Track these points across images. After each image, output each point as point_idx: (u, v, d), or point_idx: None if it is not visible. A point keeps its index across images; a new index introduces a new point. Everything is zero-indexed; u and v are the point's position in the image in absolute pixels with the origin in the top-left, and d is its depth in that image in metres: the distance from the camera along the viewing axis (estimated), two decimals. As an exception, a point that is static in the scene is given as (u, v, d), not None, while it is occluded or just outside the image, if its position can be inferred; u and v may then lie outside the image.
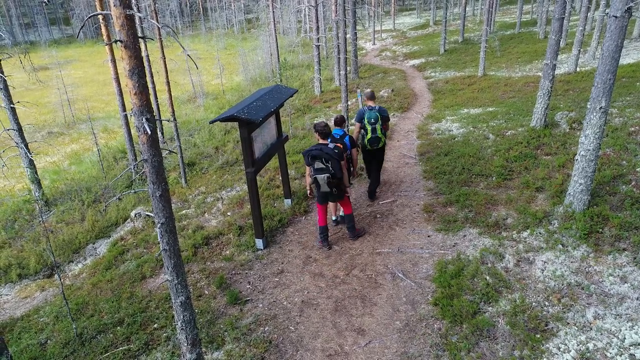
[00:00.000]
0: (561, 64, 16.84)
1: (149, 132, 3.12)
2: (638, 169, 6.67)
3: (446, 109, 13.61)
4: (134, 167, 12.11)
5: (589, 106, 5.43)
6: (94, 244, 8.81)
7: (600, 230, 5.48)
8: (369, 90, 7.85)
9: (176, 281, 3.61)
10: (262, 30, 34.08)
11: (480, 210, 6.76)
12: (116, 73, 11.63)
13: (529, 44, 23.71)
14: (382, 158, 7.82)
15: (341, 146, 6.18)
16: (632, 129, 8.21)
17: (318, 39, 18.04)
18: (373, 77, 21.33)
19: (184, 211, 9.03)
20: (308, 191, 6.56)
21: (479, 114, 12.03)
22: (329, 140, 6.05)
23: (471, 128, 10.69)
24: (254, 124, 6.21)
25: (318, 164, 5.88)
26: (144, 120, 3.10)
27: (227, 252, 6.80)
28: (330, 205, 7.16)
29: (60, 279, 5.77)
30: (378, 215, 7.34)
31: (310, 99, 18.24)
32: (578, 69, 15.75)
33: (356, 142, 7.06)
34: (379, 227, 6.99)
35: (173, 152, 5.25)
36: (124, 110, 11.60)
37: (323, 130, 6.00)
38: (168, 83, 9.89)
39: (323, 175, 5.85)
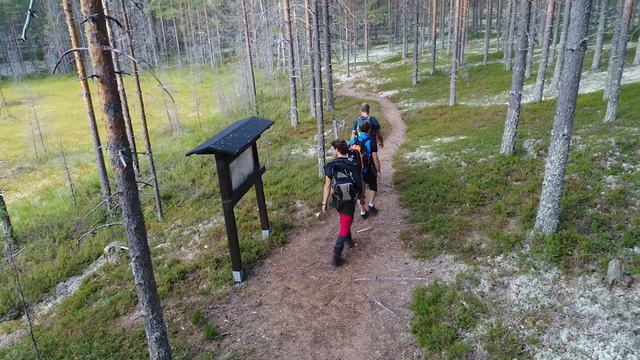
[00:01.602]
0: (527, 94, 17.59)
1: (125, 165, 3.13)
2: (602, 193, 6.96)
3: (420, 138, 13.95)
4: (109, 201, 11.90)
5: (552, 133, 5.70)
6: (65, 282, 8.53)
7: (570, 252, 5.65)
8: (365, 104, 9.10)
9: (151, 316, 3.54)
10: (239, 64, 34.59)
11: (455, 237, 6.88)
12: (91, 107, 11.57)
13: (496, 75, 24.74)
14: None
15: (359, 148, 7.16)
16: (595, 154, 8.59)
17: (294, 72, 18.42)
18: (348, 108, 21.76)
19: (159, 245, 8.88)
20: (323, 207, 6.88)
21: (452, 143, 12.38)
22: (346, 155, 6.59)
23: (444, 156, 10.98)
24: (231, 155, 6.26)
25: (341, 175, 6.41)
26: (119, 153, 3.12)
27: (204, 285, 6.69)
28: (370, 193, 8.21)
29: (29, 320, 5.56)
30: (356, 244, 7.38)
31: (287, 130, 18.45)
32: (543, 99, 16.48)
33: (376, 146, 8.03)
34: (357, 255, 7.02)
35: (148, 185, 5.23)
36: (99, 144, 11.49)
37: (342, 146, 6.57)
38: (144, 116, 9.90)
39: (346, 184, 6.35)
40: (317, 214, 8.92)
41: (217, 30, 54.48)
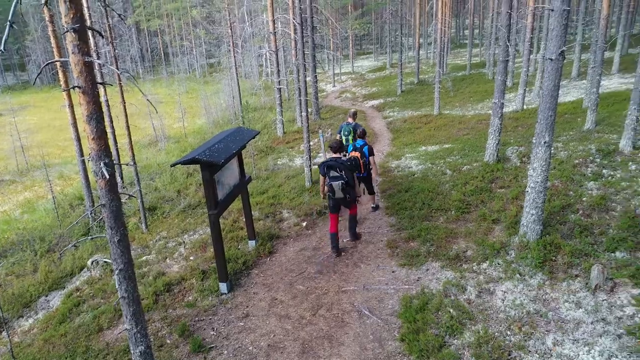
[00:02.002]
0: (509, 102, 17.89)
1: (107, 177, 3.10)
2: (584, 199, 7.09)
3: (405, 147, 14.07)
4: (91, 213, 11.71)
5: (534, 141, 5.80)
6: (46, 296, 8.34)
7: (554, 258, 5.72)
8: (352, 110, 9.59)
9: (135, 330, 3.48)
10: (224, 74, 34.56)
11: (442, 244, 6.92)
12: (74, 118, 11.43)
13: (479, 84, 25.14)
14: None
15: (358, 154, 7.67)
16: (577, 161, 8.75)
17: (279, 82, 18.48)
18: (334, 117, 21.87)
19: (144, 257, 8.76)
20: (322, 196, 7.29)
21: (437, 151, 12.51)
22: (340, 154, 7.00)
23: (429, 164, 11.08)
24: (216, 166, 6.23)
25: (333, 173, 6.73)
26: (102, 164, 3.08)
27: (190, 297, 6.60)
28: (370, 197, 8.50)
29: (9, 336, 5.40)
30: (343, 253, 7.37)
31: (273, 140, 18.44)
32: (525, 107, 16.78)
33: (373, 150, 8.41)
34: (344, 264, 7.01)
35: (132, 196, 5.14)
36: (82, 155, 11.33)
37: (334, 146, 6.98)
38: (128, 127, 9.81)
39: (338, 182, 6.67)
40: (304, 224, 8.91)
41: (202, 40, 54.46)
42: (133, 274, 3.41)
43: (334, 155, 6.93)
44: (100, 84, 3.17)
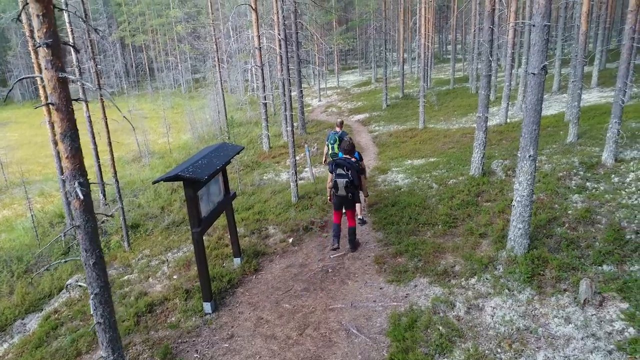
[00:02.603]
0: (493, 116, 18.12)
1: (82, 197, 2.96)
2: (570, 212, 7.11)
3: (391, 161, 14.08)
4: (65, 234, 11.40)
5: (519, 155, 5.80)
6: (23, 319, 8.03)
7: (542, 272, 5.69)
8: (339, 119, 10.12)
9: (112, 357, 3.31)
10: (210, 89, 34.47)
11: (429, 259, 6.85)
12: (54, 135, 11.20)
13: (463, 98, 25.47)
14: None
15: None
16: (561, 174, 8.82)
17: (265, 97, 18.46)
18: (320, 132, 21.89)
19: (126, 277, 8.52)
20: (328, 197, 7.63)
21: (422, 165, 12.54)
22: (351, 156, 7.29)
23: (416, 178, 11.07)
24: (200, 182, 6.10)
25: (340, 170, 7.02)
26: (76, 184, 2.95)
27: (173, 318, 6.39)
28: (357, 206, 8.28)
29: (-20, 364, 5.14)
30: (330, 270, 7.25)
31: (259, 155, 18.34)
32: (508, 120, 16.99)
33: (362, 156, 8.54)
34: (331, 282, 6.89)
35: (109, 216, 4.99)
36: (62, 172, 11.08)
37: (347, 147, 7.32)
38: (110, 144, 9.62)
39: (343, 179, 6.94)
40: (291, 240, 8.78)
41: (187, 56, 54.43)
42: (110, 299, 3.25)
43: (345, 156, 7.30)
44: (75, 100, 3.05)
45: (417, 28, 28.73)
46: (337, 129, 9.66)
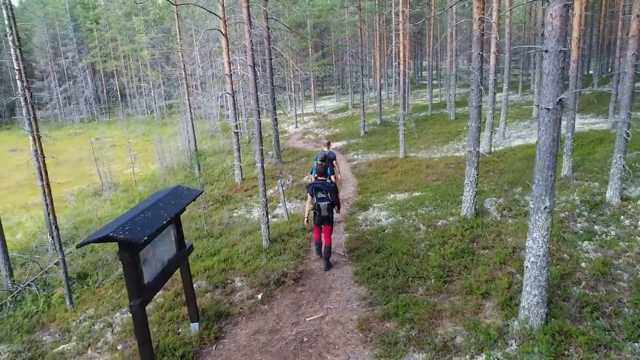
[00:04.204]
0: (476, 144, 17.40)
1: None
2: (583, 264, 6.11)
3: (372, 195, 13.03)
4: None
5: (532, 206, 4.78)
6: None
7: (566, 352, 4.60)
8: (326, 140, 10.80)
9: None
10: (182, 116, 33.15)
11: (424, 326, 5.70)
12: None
13: (442, 125, 24.88)
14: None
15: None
16: (563, 214, 7.89)
17: (236, 125, 17.31)
18: (297, 161, 20.80)
19: (61, 347, 7.11)
20: (305, 220, 8.03)
21: (407, 200, 11.51)
22: (325, 178, 7.66)
23: (400, 217, 10.01)
24: (138, 244, 4.85)
25: (320, 194, 7.47)
26: None
27: (105, 417, 5.03)
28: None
29: None
30: (305, 339, 6.01)
31: (230, 188, 17.05)
32: (492, 149, 16.27)
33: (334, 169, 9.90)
34: (307, 355, 5.66)
35: (45, 272, 3.87)
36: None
37: (319, 170, 7.71)
38: (48, 185, 8.27)
39: (324, 203, 7.45)
40: (259, 296, 7.52)
41: (160, 82, 53.15)
42: None
43: (320, 179, 7.62)
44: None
45: (393, 54, 28.35)
46: (325, 149, 10.21)
